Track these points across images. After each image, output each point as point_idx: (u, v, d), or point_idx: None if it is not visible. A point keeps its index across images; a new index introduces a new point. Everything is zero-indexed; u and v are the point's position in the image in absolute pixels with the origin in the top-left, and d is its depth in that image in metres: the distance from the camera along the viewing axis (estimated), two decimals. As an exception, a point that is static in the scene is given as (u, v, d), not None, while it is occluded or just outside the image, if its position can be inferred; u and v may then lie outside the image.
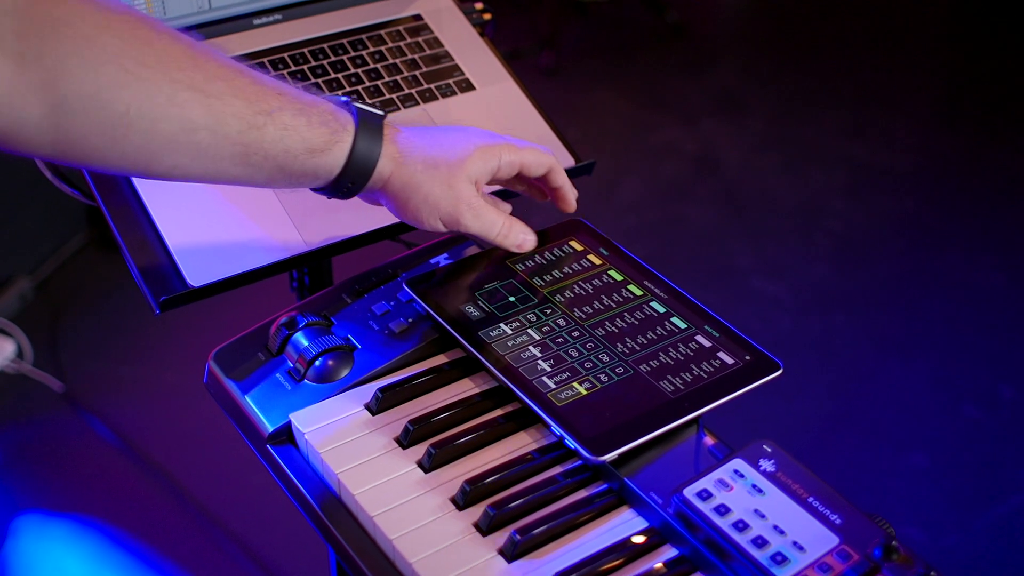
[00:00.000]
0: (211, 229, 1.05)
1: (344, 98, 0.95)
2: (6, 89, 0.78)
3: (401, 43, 1.24)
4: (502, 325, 0.97)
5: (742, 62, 3.80)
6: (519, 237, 1.02)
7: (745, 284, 2.79)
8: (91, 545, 2.13)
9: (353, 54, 1.22)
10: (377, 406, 0.93)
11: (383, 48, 1.23)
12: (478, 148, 0.97)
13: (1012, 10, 4.07)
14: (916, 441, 2.38)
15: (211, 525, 2.15)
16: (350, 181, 0.93)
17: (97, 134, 0.82)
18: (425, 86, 1.21)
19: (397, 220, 1.09)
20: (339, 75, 1.20)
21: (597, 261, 1.05)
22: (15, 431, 2.38)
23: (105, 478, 2.28)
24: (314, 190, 0.96)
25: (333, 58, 1.21)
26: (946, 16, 4.10)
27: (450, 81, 1.22)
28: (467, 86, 1.23)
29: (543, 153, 1.02)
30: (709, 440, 0.90)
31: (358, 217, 1.08)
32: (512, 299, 1.00)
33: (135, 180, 1.07)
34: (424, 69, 1.23)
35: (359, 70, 1.20)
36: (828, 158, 3.27)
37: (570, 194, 1.06)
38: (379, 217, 1.09)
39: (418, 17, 1.27)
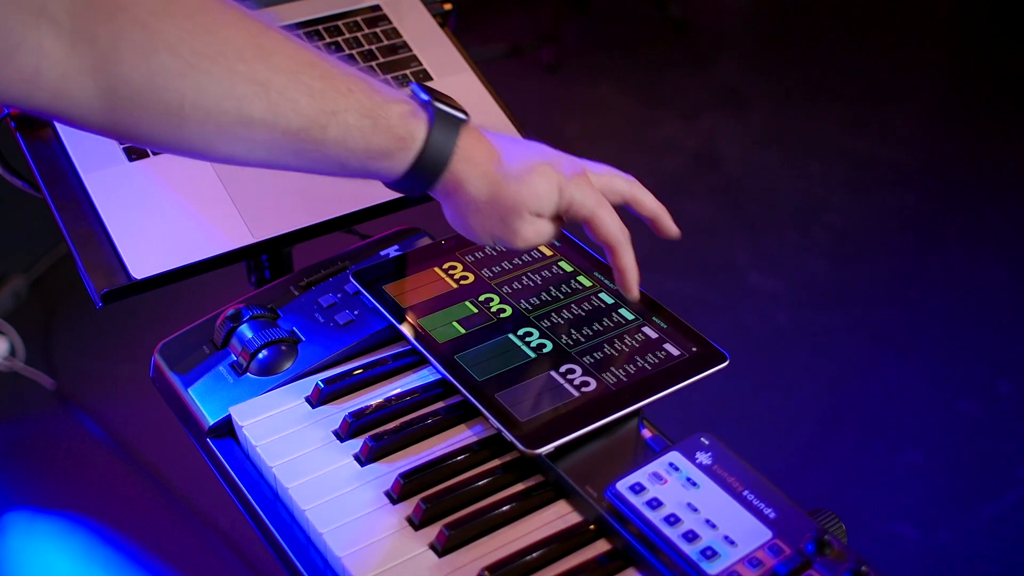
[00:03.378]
0: (157, 222, 1.04)
1: (426, 96, 0.88)
2: (59, 69, 0.76)
3: (359, 34, 1.23)
4: (447, 317, 0.96)
5: (743, 57, 3.77)
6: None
7: (743, 279, 2.76)
8: (80, 542, 2.12)
9: (309, 45, 1.20)
10: (318, 399, 0.92)
11: (340, 39, 1.22)
12: (550, 176, 0.89)
13: (1014, 4, 4.03)
14: (912, 437, 2.35)
15: (200, 523, 2.15)
16: (410, 186, 0.89)
17: (150, 120, 0.79)
18: (381, 77, 1.19)
19: (347, 212, 1.08)
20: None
21: (548, 252, 1.03)
22: (6, 428, 2.38)
23: (95, 476, 2.28)
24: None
25: (289, 49, 1.19)
26: (948, 10, 4.06)
27: (407, 72, 1.21)
28: (424, 77, 1.21)
29: (618, 226, 0.92)
30: (648, 433, 0.88)
31: (307, 209, 1.07)
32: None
33: (82, 173, 1.06)
34: (381, 60, 1.21)
35: (315, 61, 1.19)
36: (828, 153, 3.24)
37: (631, 280, 0.94)
38: (328, 209, 1.08)
39: (376, 8, 1.25)
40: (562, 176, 0.89)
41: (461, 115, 0.88)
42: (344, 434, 0.89)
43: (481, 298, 0.98)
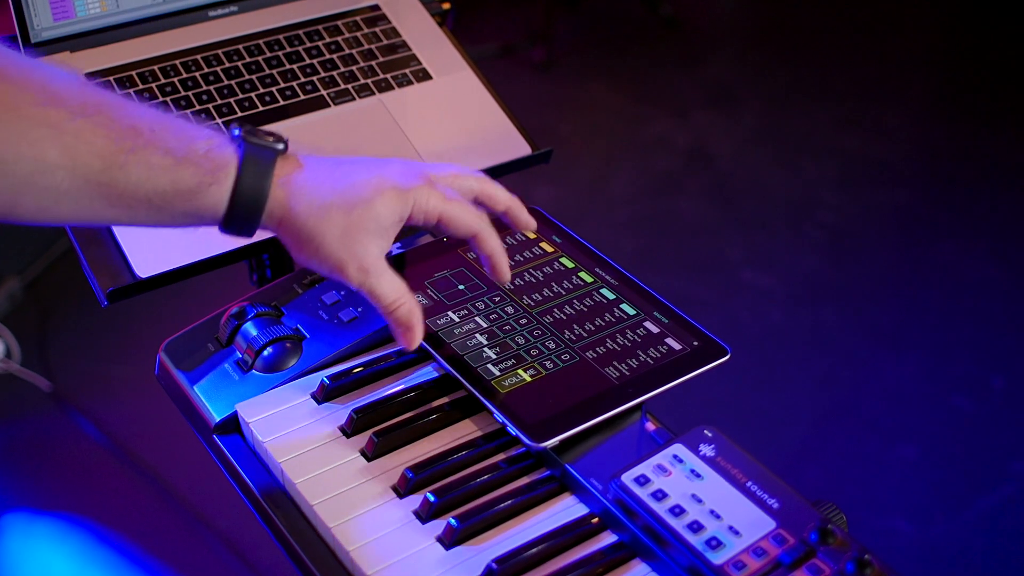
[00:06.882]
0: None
1: (237, 131, 0.85)
2: None
3: (358, 33, 1.23)
4: (450, 313, 0.96)
5: (735, 55, 3.79)
6: (409, 320, 0.89)
7: (736, 276, 2.78)
8: (78, 543, 2.13)
9: (309, 45, 1.21)
10: (323, 395, 0.93)
11: (339, 39, 1.22)
12: (387, 192, 0.86)
13: (1004, 1, 4.05)
14: (906, 432, 2.37)
15: (197, 523, 2.15)
16: (239, 224, 0.85)
17: None
18: (381, 76, 1.20)
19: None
20: (294, 66, 1.19)
21: (549, 248, 1.04)
22: (3, 430, 2.38)
23: (92, 477, 2.28)
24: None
25: (289, 49, 1.20)
26: (938, 7, 4.08)
27: (407, 71, 1.22)
28: (424, 76, 1.22)
29: (472, 214, 0.90)
30: (652, 426, 0.89)
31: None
32: (462, 287, 0.99)
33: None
34: (380, 59, 1.22)
35: (315, 61, 1.20)
36: (820, 150, 3.26)
37: (500, 263, 0.93)
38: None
39: (375, 7, 1.26)
40: (398, 187, 0.86)
41: (278, 144, 0.85)
42: (350, 430, 0.90)
43: (484, 295, 0.98)
